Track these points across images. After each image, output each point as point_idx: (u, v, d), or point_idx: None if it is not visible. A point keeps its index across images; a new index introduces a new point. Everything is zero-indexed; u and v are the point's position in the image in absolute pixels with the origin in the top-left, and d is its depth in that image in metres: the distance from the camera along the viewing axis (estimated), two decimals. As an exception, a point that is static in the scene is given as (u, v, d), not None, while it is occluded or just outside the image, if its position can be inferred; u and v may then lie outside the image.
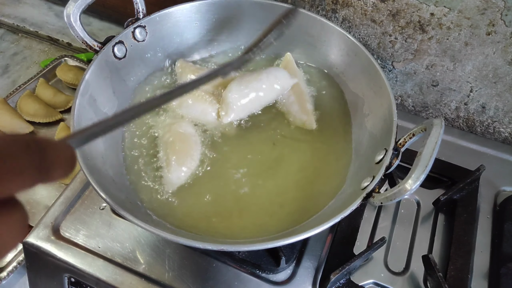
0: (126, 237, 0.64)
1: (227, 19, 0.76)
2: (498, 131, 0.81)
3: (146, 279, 0.60)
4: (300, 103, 0.70)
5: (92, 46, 0.63)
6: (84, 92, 0.59)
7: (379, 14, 0.73)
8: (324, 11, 0.78)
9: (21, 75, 1.05)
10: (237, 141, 0.67)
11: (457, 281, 0.61)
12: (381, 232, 0.67)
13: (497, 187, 0.74)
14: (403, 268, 0.64)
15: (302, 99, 0.70)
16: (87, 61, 1.05)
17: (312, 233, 0.47)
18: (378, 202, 0.48)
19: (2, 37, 1.15)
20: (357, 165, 0.63)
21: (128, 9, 0.71)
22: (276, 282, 0.61)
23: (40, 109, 0.93)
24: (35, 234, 0.64)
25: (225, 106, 0.66)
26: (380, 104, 0.63)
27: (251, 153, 0.66)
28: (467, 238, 0.65)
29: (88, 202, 0.68)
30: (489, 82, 0.74)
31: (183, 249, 0.63)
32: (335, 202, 0.59)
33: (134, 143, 0.66)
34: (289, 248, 0.61)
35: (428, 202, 0.71)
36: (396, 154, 0.53)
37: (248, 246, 0.48)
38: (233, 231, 0.58)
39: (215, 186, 0.62)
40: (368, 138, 0.64)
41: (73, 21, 0.61)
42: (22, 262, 0.73)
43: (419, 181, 0.44)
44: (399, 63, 0.79)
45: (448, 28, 0.70)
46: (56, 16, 1.18)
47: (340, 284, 0.60)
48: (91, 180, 0.50)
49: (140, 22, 0.68)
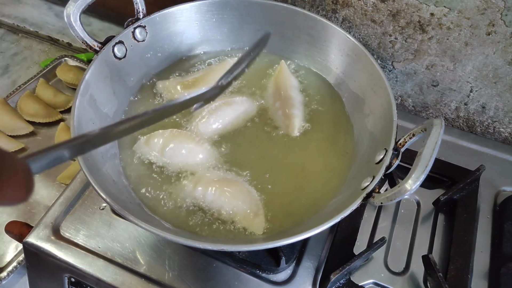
0: (126, 237, 0.64)
1: (227, 19, 0.76)
2: (498, 131, 0.81)
3: (146, 279, 0.61)
4: (284, 109, 0.69)
5: (92, 46, 0.63)
6: (84, 92, 0.59)
7: (379, 14, 0.73)
8: (324, 11, 0.78)
9: (21, 75, 1.05)
10: (234, 153, 0.66)
11: (457, 281, 0.61)
12: (381, 232, 0.67)
13: (497, 187, 0.74)
14: (403, 268, 0.64)
15: (288, 105, 0.69)
16: (87, 61, 1.05)
17: (312, 233, 0.47)
18: (378, 202, 0.48)
19: (2, 37, 1.15)
20: (357, 165, 0.63)
21: (128, 9, 0.71)
22: (276, 282, 0.61)
23: (40, 109, 0.93)
24: (35, 234, 0.64)
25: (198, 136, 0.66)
26: (380, 104, 0.63)
27: (251, 156, 0.65)
28: (467, 238, 0.65)
29: (88, 202, 0.68)
30: (489, 82, 0.74)
31: (183, 249, 0.63)
32: (335, 202, 0.59)
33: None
34: (289, 248, 0.61)
35: (428, 202, 0.71)
36: (396, 154, 0.53)
37: (248, 246, 0.48)
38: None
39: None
40: (368, 138, 0.64)
41: (73, 21, 0.61)
42: (22, 262, 0.73)
43: (419, 181, 0.44)
44: (399, 63, 0.79)
45: (448, 28, 0.70)
46: (56, 16, 1.18)
47: (340, 284, 0.60)
48: (91, 180, 0.50)
49: (140, 22, 0.68)
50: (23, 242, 0.64)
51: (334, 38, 0.71)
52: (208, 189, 0.59)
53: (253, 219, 0.57)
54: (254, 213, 0.57)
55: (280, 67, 0.74)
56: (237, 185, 0.60)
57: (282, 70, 0.74)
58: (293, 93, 0.71)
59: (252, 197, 0.59)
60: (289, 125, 0.67)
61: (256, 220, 0.57)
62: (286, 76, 0.73)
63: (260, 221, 0.57)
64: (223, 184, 0.59)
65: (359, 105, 0.69)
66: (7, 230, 0.69)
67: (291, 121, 0.68)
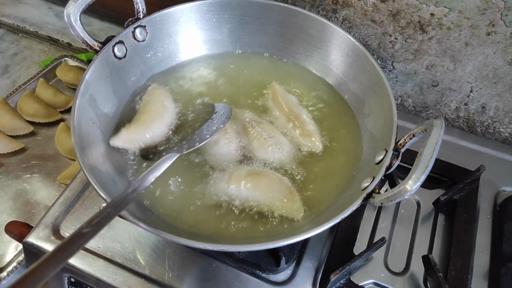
0: (126, 237, 0.64)
1: (227, 19, 0.76)
2: (498, 131, 0.81)
3: (146, 279, 0.61)
4: (300, 129, 0.67)
5: (92, 46, 0.63)
6: (84, 92, 0.59)
7: (379, 14, 0.73)
8: (325, 11, 0.78)
9: (21, 75, 1.05)
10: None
11: (457, 281, 0.61)
12: (381, 232, 0.68)
13: (497, 187, 0.74)
14: (403, 268, 0.64)
15: (300, 123, 0.68)
16: (87, 61, 1.05)
17: (312, 233, 0.47)
18: (378, 202, 0.48)
19: (2, 37, 1.15)
20: (357, 165, 0.63)
21: (128, 9, 0.71)
22: (276, 282, 0.61)
23: (40, 109, 0.93)
24: (35, 234, 0.64)
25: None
26: (380, 104, 0.63)
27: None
28: (467, 238, 0.65)
29: (88, 202, 0.68)
30: (489, 82, 0.74)
31: (183, 249, 0.63)
32: (335, 202, 0.59)
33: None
34: (289, 249, 0.61)
35: (428, 202, 0.71)
36: (396, 154, 0.53)
37: (248, 246, 0.48)
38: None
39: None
40: (369, 138, 0.64)
41: (73, 21, 0.61)
42: (22, 262, 0.73)
43: (419, 181, 0.44)
44: (399, 63, 0.79)
45: (448, 28, 0.70)
46: (56, 16, 1.18)
47: (340, 284, 0.61)
48: (91, 180, 0.50)
49: (140, 22, 0.68)
50: (23, 242, 0.64)
51: (334, 38, 0.71)
52: (241, 184, 0.59)
53: (292, 206, 0.58)
54: (291, 200, 0.58)
55: (273, 89, 0.72)
56: (268, 175, 0.61)
57: (276, 92, 0.71)
58: (297, 110, 0.69)
59: (285, 184, 0.60)
60: (312, 143, 0.66)
61: (295, 206, 0.58)
62: (283, 95, 0.71)
63: (298, 206, 0.58)
64: (254, 177, 0.60)
65: (359, 105, 0.69)
66: (7, 230, 0.70)
67: (312, 139, 0.66)
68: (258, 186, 0.59)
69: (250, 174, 0.60)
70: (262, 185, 0.59)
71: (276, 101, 0.70)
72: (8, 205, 0.80)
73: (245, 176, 0.59)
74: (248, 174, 0.60)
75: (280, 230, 0.57)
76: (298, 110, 0.70)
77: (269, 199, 0.58)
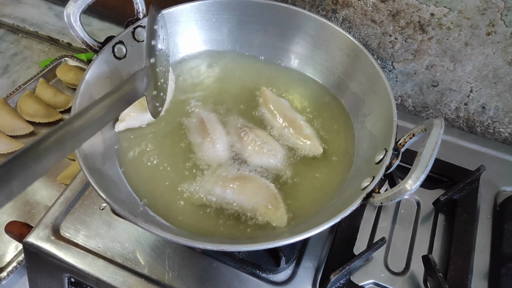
0: (126, 237, 0.64)
1: (227, 19, 0.76)
2: (498, 131, 0.81)
3: (146, 279, 0.61)
4: (297, 134, 0.67)
5: (92, 46, 0.63)
6: (84, 92, 0.59)
7: (379, 14, 0.73)
8: (324, 11, 0.78)
9: (21, 75, 1.05)
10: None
11: (457, 281, 0.61)
12: (381, 232, 0.68)
13: (497, 187, 0.74)
14: (403, 268, 0.64)
15: (297, 128, 0.67)
16: (87, 61, 1.05)
17: (312, 233, 0.47)
18: (378, 202, 0.48)
19: (2, 37, 1.15)
20: (357, 165, 0.63)
21: (128, 9, 0.71)
22: (276, 282, 0.61)
23: (40, 109, 0.93)
24: (35, 234, 0.64)
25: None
26: (380, 104, 0.63)
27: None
28: (467, 238, 0.65)
29: (88, 202, 0.68)
30: (489, 82, 0.74)
31: (183, 249, 0.63)
32: (335, 202, 0.59)
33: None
34: (289, 248, 0.61)
35: (428, 202, 0.71)
36: (396, 154, 0.53)
37: (248, 246, 0.48)
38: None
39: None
40: (368, 138, 0.64)
41: (73, 21, 0.61)
42: (22, 262, 0.73)
43: (419, 181, 0.44)
44: (399, 63, 0.79)
45: (448, 28, 0.70)
46: (56, 16, 1.18)
47: (340, 284, 0.61)
48: (91, 180, 0.50)
49: (140, 22, 0.68)
50: (23, 242, 0.64)
51: (334, 38, 0.71)
52: (227, 187, 0.59)
53: (275, 212, 0.57)
54: (275, 206, 0.58)
55: (264, 95, 0.71)
56: (255, 180, 0.60)
57: (267, 97, 0.71)
58: (292, 114, 0.69)
59: (271, 191, 0.59)
60: (312, 146, 0.66)
61: (278, 213, 0.57)
62: (275, 100, 0.71)
63: (282, 214, 0.57)
64: (241, 181, 0.59)
65: (359, 105, 0.69)
66: (7, 230, 0.69)
67: (312, 141, 0.66)
68: (243, 190, 0.58)
69: (237, 178, 0.60)
70: (247, 189, 0.58)
71: (268, 106, 0.70)
72: (8, 205, 0.80)
73: (232, 180, 0.59)
74: (235, 178, 0.60)
75: (261, 235, 0.56)
76: (292, 114, 0.69)
77: (253, 204, 0.58)
